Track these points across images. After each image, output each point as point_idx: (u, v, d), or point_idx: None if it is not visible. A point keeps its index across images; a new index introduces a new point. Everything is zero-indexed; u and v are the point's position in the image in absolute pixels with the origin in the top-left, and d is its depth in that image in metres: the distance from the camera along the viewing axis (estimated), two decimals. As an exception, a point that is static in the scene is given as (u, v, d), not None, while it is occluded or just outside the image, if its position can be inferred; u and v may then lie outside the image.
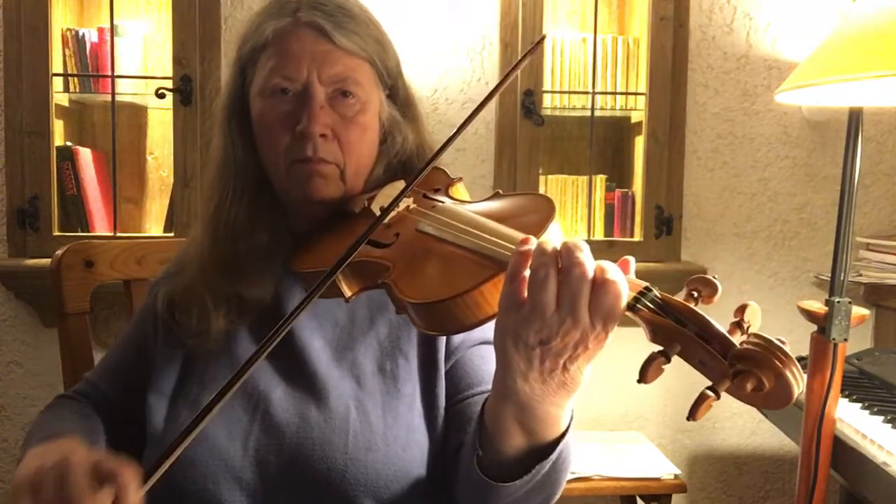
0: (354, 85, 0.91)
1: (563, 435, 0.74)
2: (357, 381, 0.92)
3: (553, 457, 0.73)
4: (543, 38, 0.95)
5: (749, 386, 0.57)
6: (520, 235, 0.69)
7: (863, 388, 1.68)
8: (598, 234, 2.31)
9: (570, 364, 0.64)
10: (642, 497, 2.04)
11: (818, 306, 1.42)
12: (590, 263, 0.61)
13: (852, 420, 1.46)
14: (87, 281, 1.23)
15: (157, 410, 0.93)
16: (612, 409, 2.34)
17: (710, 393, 0.58)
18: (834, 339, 1.39)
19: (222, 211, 0.94)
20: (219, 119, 0.97)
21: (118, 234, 2.16)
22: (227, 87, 0.97)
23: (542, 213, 0.75)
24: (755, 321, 0.61)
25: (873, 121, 2.37)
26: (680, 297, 0.63)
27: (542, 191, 2.29)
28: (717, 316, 0.61)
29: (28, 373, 2.22)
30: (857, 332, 1.77)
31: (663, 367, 0.60)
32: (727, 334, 0.59)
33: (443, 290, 0.69)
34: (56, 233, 2.12)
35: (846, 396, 1.59)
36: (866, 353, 1.87)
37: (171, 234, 2.18)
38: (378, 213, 0.86)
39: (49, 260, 1.22)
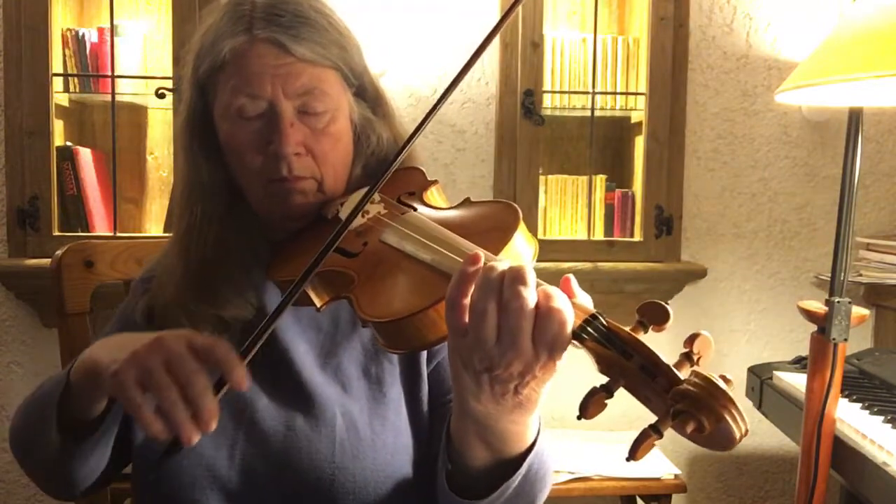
0: (321, 95, 0.87)
1: (529, 449, 0.72)
2: (342, 387, 0.91)
3: (521, 472, 0.72)
4: (512, 8, 0.85)
5: (689, 428, 0.55)
6: (478, 252, 0.66)
7: (863, 388, 1.68)
8: (598, 234, 2.31)
9: (522, 388, 0.63)
10: (642, 497, 2.04)
11: (818, 306, 1.42)
12: (531, 295, 0.59)
13: (852, 420, 1.46)
14: (87, 281, 1.23)
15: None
16: (612, 409, 2.32)
17: (652, 432, 0.56)
18: (834, 339, 1.39)
19: (192, 235, 0.91)
20: (181, 141, 0.93)
21: (118, 234, 2.16)
22: (186, 108, 0.93)
23: (505, 228, 0.72)
24: (706, 352, 0.59)
25: (873, 121, 2.37)
26: (629, 327, 0.60)
27: (541, 190, 2.29)
28: (733, 313, 0.60)
29: (28, 373, 2.22)
30: (857, 332, 1.77)
31: (606, 402, 0.58)
32: (674, 369, 0.57)
33: (398, 308, 0.67)
34: (56, 233, 2.12)
35: (846, 396, 1.59)
36: (866, 353, 1.87)
37: (171, 234, 2.17)
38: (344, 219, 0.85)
39: (49, 260, 1.22)
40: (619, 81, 2.29)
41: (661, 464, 2.04)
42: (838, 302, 1.39)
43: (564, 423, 2.25)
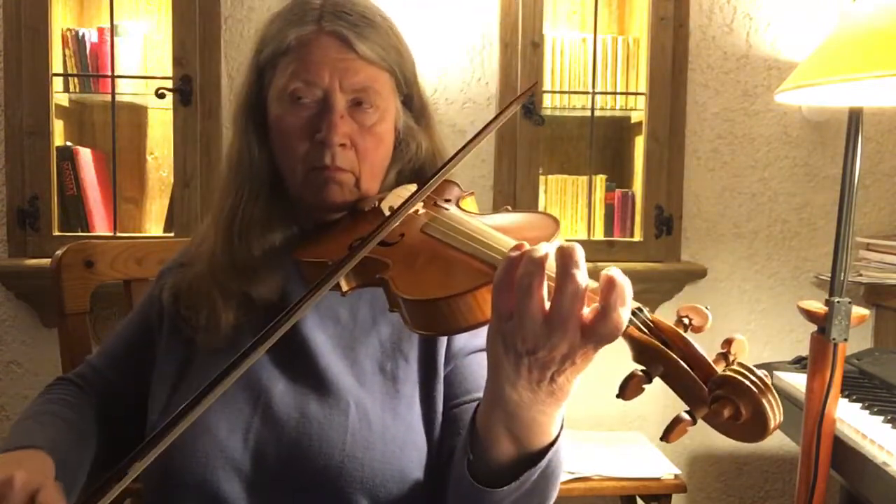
0: (374, 94, 0.92)
1: (552, 444, 0.73)
2: (357, 380, 0.92)
3: (542, 465, 0.73)
4: (535, 84, 0.93)
5: (726, 413, 0.57)
6: (524, 242, 0.68)
7: (863, 388, 1.68)
8: (598, 234, 2.31)
9: (558, 376, 0.64)
10: (642, 497, 2.04)
11: (818, 306, 1.42)
12: (583, 278, 0.60)
13: (852, 420, 1.46)
14: (87, 281, 1.23)
15: (158, 400, 0.94)
16: (612, 409, 2.34)
17: (686, 417, 0.58)
18: (834, 339, 1.39)
19: (237, 211, 0.95)
20: (235, 121, 0.98)
21: (118, 234, 2.16)
22: (243, 89, 0.97)
23: (546, 229, 0.75)
24: (741, 355, 0.61)
25: (873, 121, 2.37)
26: (670, 323, 0.63)
27: (541, 190, 2.29)
28: (733, 313, 0.61)
29: (28, 373, 2.22)
30: (857, 332, 1.77)
31: (644, 386, 0.60)
32: (711, 362, 0.59)
33: (437, 290, 0.69)
34: (56, 233, 2.12)
35: (846, 396, 1.59)
36: (866, 353, 1.87)
37: (171, 234, 2.18)
38: (387, 213, 0.88)
39: (49, 260, 1.22)
40: (619, 81, 2.29)
41: (661, 464, 2.04)
42: (838, 302, 1.39)
43: (565, 424, 2.25)
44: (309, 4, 0.92)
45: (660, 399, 2.35)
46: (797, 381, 1.69)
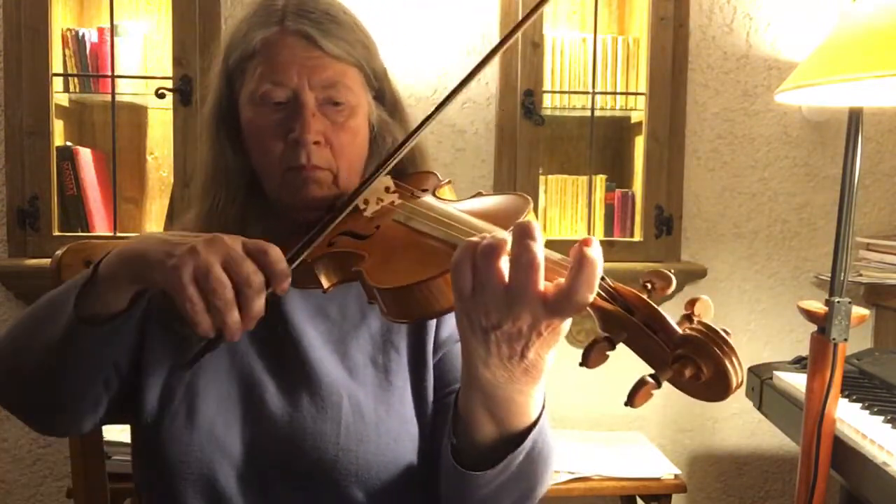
0: (344, 90, 0.91)
1: (534, 424, 0.74)
2: (349, 374, 0.94)
3: (526, 446, 0.74)
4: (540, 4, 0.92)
5: (688, 373, 0.57)
6: (490, 227, 0.70)
7: (863, 388, 1.68)
8: (598, 234, 2.30)
9: (528, 351, 0.65)
10: (642, 497, 2.04)
11: (818, 306, 1.42)
12: (540, 250, 0.60)
13: (852, 420, 1.46)
14: (87, 281, 1.23)
15: (150, 392, 0.92)
16: (612, 409, 2.34)
17: (650, 380, 0.58)
18: (834, 339, 1.39)
19: (214, 214, 0.95)
20: (207, 127, 0.98)
21: (118, 234, 2.16)
22: (214, 96, 0.97)
23: (518, 208, 0.76)
24: (706, 315, 0.61)
25: (873, 121, 2.37)
26: (633, 289, 0.63)
27: (541, 190, 2.29)
28: (733, 313, 0.60)
29: (28, 373, 2.21)
30: (857, 332, 1.77)
31: (607, 353, 0.60)
32: (674, 325, 0.59)
33: (409, 276, 0.70)
34: (56, 233, 2.12)
35: (846, 396, 1.59)
36: (866, 353, 1.87)
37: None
38: (362, 206, 0.88)
39: (49, 260, 1.22)
40: (619, 81, 2.29)
41: (661, 464, 2.04)
42: (838, 302, 1.39)
43: (565, 424, 2.25)
44: (272, 6, 0.92)
45: (660, 399, 2.34)
46: (797, 381, 1.69)
